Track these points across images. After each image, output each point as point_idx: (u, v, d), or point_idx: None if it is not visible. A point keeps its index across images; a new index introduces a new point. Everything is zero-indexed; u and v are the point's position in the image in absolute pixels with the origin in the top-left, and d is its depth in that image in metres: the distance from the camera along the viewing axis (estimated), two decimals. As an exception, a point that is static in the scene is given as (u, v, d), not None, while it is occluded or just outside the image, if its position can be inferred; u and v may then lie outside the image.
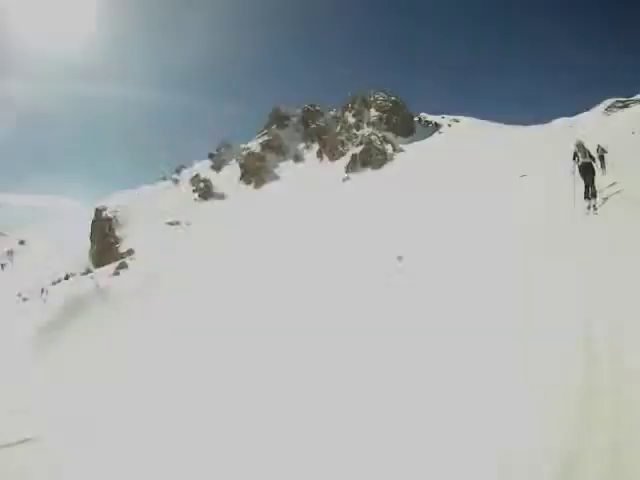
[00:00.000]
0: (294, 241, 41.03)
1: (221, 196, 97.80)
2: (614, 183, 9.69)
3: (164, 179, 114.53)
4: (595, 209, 8.14)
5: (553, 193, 12.59)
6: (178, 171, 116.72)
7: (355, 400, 4.48)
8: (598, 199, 8.52)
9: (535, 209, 11.54)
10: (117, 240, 75.21)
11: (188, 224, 78.34)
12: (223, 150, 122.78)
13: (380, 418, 3.89)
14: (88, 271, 57.68)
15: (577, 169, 8.91)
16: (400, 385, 4.28)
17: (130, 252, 64.49)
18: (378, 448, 3.35)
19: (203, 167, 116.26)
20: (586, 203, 8.37)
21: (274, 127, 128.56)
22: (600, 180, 9.74)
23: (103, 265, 59.18)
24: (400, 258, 13.13)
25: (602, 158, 13.75)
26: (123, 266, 51.14)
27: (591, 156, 8.95)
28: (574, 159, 8.98)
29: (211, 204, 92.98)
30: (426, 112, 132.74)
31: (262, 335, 11.18)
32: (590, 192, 8.44)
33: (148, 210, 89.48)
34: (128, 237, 76.25)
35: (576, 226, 7.58)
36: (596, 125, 50.31)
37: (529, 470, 2.45)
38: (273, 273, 29.04)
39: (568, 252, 5.92)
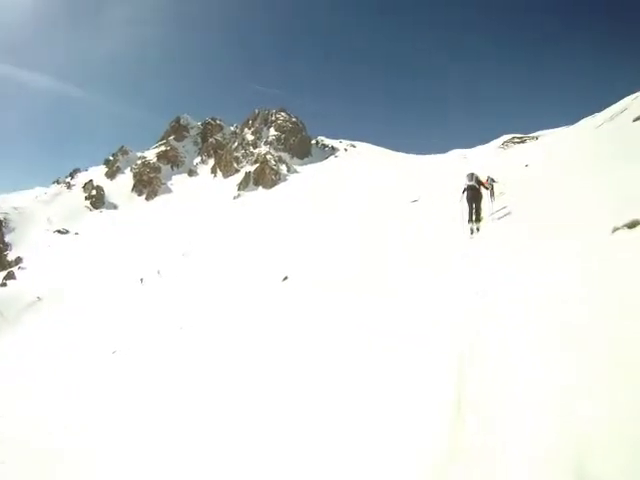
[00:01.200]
0: (178, 259, 43.45)
1: (112, 206, 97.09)
2: (503, 208, 10.28)
3: (58, 182, 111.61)
4: (478, 230, 8.62)
5: (441, 217, 13.34)
6: (72, 175, 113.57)
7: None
8: (482, 222, 9.04)
9: (423, 231, 12.09)
10: (5, 246, 74.36)
11: (77, 234, 79.27)
12: (119, 157, 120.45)
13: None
14: (-25, 279, 58.34)
15: (464, 195, 9.37)
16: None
17: (18, 261, 66.40)
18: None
19: (98, 173, 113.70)
20: (470, 225, 8.85)
21: (172, 138, 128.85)
22: (488, 206, 10.62)
23: (-10, 273, 60.69)
24: (286, 278, 13.12)
25: (491, 187, 14.35)
26: (10, 276, 54.04)
27: (479, 182, 9.41)
28: (464, 186, 9.48)
29: (101, 214, 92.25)
30: (324, 136, 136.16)
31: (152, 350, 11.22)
32: (475, 215, 8.92)
33: (39, 215, 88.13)
34: (17, 244, 75.23)
35: (457, 243, 8.15)
36: (492, 158, 52.26)
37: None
38: (154, 289, 30.04)
39: (444, 265, 6.40)
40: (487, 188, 9.85)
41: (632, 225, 3.81)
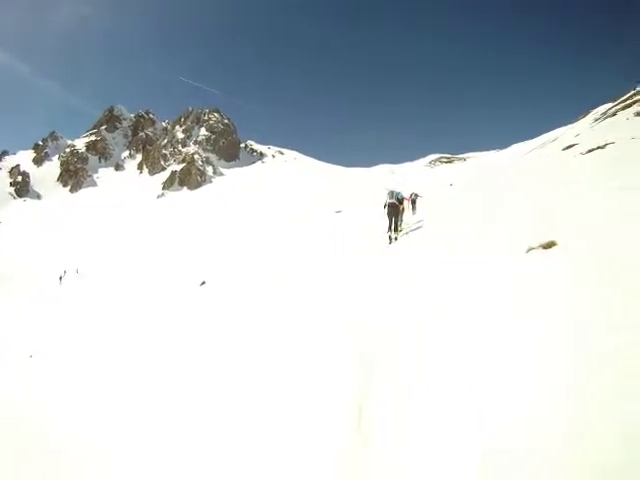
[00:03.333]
0: (97, 258, 42.98)
1: (36, 195, 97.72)
2: (420, 220, 11.39)
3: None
4: (396, 239, 9.66)
5: (364, 226, 13.90)
6: (0, 157, 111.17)
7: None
8: (400, 232, 10.19)
9: (345, 240, 12.68)
10: None
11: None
12: (49, 142, 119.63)
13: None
14: None
15: (385, 209, 10.29)
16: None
17: (-61, 247, 69.10)
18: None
19: (25, 157, 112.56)
20: (389, 234, 9.90)
21: (104, 128, 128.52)
22: (409, 218, 11.83)
23: None
24: (203, 283, 13.15)
25: (414, 202, 15.04)
26: None
27: (398, 199, 10.25)
28: (385, 202, 10.37)
29: (25, 203, 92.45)
30: (254, 140, 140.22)
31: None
32: (393, 227, 9.96)
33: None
34: None
35: (377, 247, 9.00)
36: (419, 174, 53.63)
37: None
38: (72, 289, 29.64)
39: (365, 265, 7.06)
40: (407, 200, 10.31)
41: (547, 246, 3.77)
